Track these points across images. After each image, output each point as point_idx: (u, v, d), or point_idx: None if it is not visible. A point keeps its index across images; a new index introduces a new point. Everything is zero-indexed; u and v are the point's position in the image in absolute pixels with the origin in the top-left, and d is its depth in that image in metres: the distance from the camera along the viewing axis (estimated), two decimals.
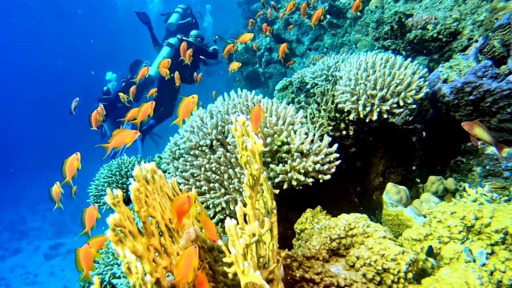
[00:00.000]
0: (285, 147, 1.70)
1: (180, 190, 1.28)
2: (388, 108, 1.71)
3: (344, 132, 1.97)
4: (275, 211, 1.12)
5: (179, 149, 1.97)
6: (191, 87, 6.68)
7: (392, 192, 1.67)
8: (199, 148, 1.84)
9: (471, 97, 1.83)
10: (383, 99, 1.75)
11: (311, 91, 2.79)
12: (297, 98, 2.70)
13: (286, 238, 1.92)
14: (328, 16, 6.72)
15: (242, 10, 10.30)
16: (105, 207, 3.02)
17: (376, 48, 4.89)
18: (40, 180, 17.32)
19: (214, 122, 1.83)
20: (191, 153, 1.86)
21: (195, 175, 1.81)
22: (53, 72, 26.53)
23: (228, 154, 1.73)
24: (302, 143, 1.66)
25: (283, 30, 7.81)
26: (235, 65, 3.06)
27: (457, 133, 2.04)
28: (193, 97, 1.58)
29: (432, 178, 1.83)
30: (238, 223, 0.90)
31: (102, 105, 3.22)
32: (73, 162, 1.78)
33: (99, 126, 6.81)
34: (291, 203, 1.92)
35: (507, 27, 1.87)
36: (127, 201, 3.11)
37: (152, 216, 0.97)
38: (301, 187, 1.64)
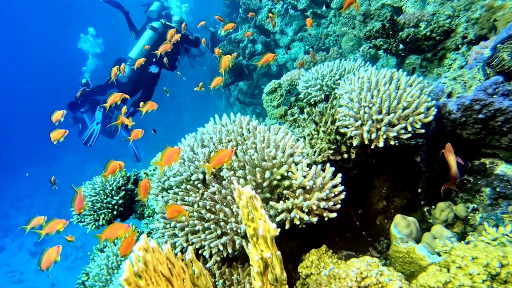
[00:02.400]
0: (286, 182, 1.55)
1: (176, 254, 1.12)
2: (396, 134, 1.58)
3: (345, 156, 1.83)
4: (285, 282, 0.98)
5: (168, 179, 1.79)
6: (172, 74, 6.48)
7: (402, 226, 1.55)
8: (191, 182, 1.67)
9: (480, 116, 1.71)
10: (390, 124, 1.61)
11: (304, 100, 2.63)
12: (290, 110, 2.54)
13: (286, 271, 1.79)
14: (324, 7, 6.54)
15: None
16: (89, 227, 2.84)
17: (367, 49, 4.76)
18: (23, 175, 16.86)
19: (206, 153, 1.66)
20: (182, 187, 1.69)
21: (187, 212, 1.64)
22: (34, 66, 25.46)
23: (223, 191, 1.57)
24: (305, 177, 1.51)
25: (266, 21, 7.57)
26: (219, 80, 2.84)
27: (463, 151, 1.93)
28: (179, 148, 1.61)
29: (441, 205, 1.72)
30: None
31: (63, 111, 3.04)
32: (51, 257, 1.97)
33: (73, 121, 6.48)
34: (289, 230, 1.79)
35: None
36: (112, 220, 2.93)
37: None
38: (304, 226, 1.51)
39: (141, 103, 3.21)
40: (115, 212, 2.83)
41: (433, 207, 1.91)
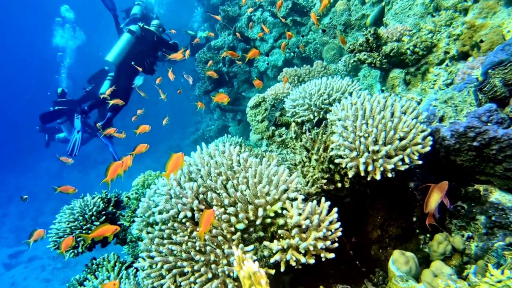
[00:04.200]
0: (280, 221, 1.46)
1: None
2: (393, 166, 1.52)
3: (339, 185, 1.76)
4: None
5: (153, 214, 1.68)
6: (150, 78, 6.37)
7: (400, 262, 1.49)
8: (178, 220, 1.56)
9: (474, 143, 1.68)
10: (387, 155, 1.55)
11: (292, 119, 2.56)
12: (277, 131, 2.46)
13: None
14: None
15: (201, 5, 9.84)
16: (67, 255, 2.67)
17: (348, 59, 4.74)
18: None
19: (194, 189, 1.55)
20: (169, 225, 1.57)
21: (174, 252, 1.53)
22: (3, 66, 24.24)
23: (214, 231, 1.46)
24: (300, 215, 1.43)
25: (246, 28, 7.49)
26: (223, 98, 2.75)
27: (455, 176, 1.90)
28: (182, 154, 1.53)
29: (438, 237, 1.68)
30: None
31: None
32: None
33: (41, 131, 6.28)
34: None
35: (508, 65, 1.72)
36: (93, 247, 2.77)
37: None
38: (300, 266, 1.42)
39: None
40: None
41: (427, 235, 1.87)
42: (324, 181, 1.75)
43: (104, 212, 2.76)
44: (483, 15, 2.73)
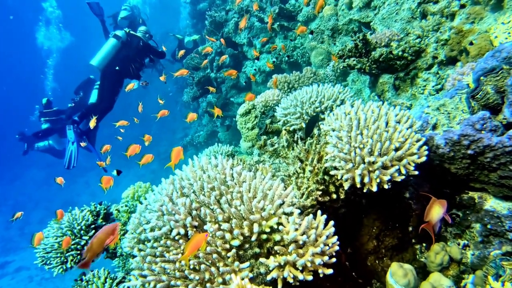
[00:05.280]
0: (276, 237, 1.42)
1: None
2: (389, 178, 1.50)
3: (334, 196, 1.74)
4: None
5: (144, 231, 1.62)
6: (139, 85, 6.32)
7: (399, 275, 1.47)
8: (171, 237, 1.51)
9: (469, 151, 1.67)
10: (383, 166, 1.53)
11: (283, 128, 2.53)
12: (269, 140, 2.42)
13: None
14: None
15: (188, 10, 9.79)
16: (56, 270, 2.58)
17: (337, 64, 4.74)
18: None
19: (187, 205, 1.50)
20: (162, 242, 1.52)
21: (168, 270, 1.47)
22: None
23: (208, 248, 1.42)
24: (297, 230, 1.39)
25: (234, 33, 7.47)
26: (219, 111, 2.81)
27: (450, 184, 1.90)
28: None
29: (435, 247, 1.66)
30: None
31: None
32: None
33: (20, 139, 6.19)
34: None
35: (499, 72, 1.72)
36: (79, 261, 2.68)
37: None
38: (297, 283, 1.39)
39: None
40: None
41: (424, 244, 1.86)
42: (319, 192, 1.72)
43: (93, 226, 2.68)
44: (470, 21, 2.75)
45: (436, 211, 1.48)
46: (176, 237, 1.50)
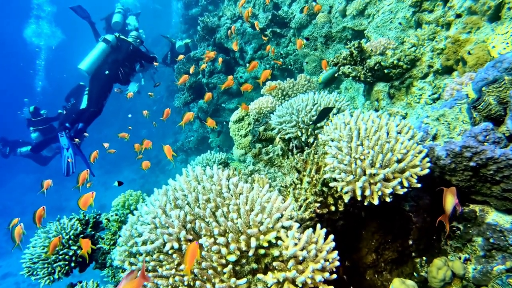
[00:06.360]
0: (275, 251, 1.35)
1: None
2: (392, 191, 1.44)
3: (332, 208, 1.67)
4: None
5: (136, 245, 1.53)
6: (125, 88, 6.23)
7: None
8: (164, 251, 1.42)
9: (471, 163, 1.63)
10: (384, 179, 1.47)
11: (278, 136, 2.47)
12: (264, 149, 2.35)
13: None
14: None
15: (180, 15, 9.71)
16: (43, 282, 2.46)
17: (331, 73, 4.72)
18: None
19: (181, 218, 1.42)
20: (154, 256, 1.43)
21: (161, 287, 1.39)
22: None
23: (203, 264, 1.34)
24: (296, 245, 1.32)
25: (226, 39, 7.42)
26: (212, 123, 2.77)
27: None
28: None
29: (437, 262, 1.61)
30: None
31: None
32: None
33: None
34: None
35: (502, 83, 1.69)
36: (70, 272, 2.57)
37: None
38: None
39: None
40: (72, 264, 2.48)
41: (424, 258, 1.80)
42: (317, 204, 1.65)
43: (82, 236, 2.58)
44: (467, 30, 2.73)
45: (450, 201, 1.44)
46: (170, 252, 1.41)
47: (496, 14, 2.59)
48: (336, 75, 4.34)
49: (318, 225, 1.44)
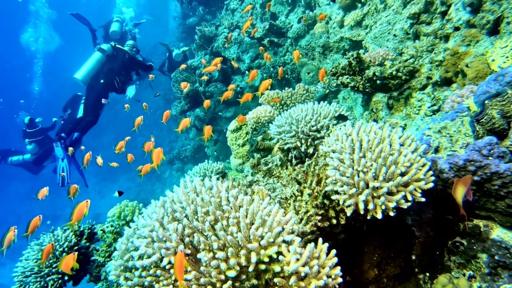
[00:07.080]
0: (276, 267, 1.30)
1: None
2: (395, 205, 1.40)
3: (334, 221, 1.63)
4: None
5: (132, 259, 1.47)
6: (121, 98, 6.20)
7: None
8: (161, 267, 1.37)
9: (475, 178, 1.60)
10: (388, 192, 1.43)
11: (277, 146, 2.43)
12: (263, 160, 2.31)
13: None
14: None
15: (177, 24, 9.73)
16: None
17: (328, 81, 4.72)
18: None
19: (179, 231, 1.37)
20: (151, 271, 1.38)
21: None
22: None
23: (202, 280, 1.28)
24: (298, 260, 1.28)
25: (223, 48, 7.43)
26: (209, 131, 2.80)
27: (453, 210, 1.82)
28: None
29: (442, 279, 1.56)
30: None
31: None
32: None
33: None
34: None
35: (505, 96, 1.67)
36: (63, 286, 2.49)
37: None
38: None
39: None
40: (66, 277, 2.41)
41: (427, 274, 1.76)
42: (318, 217, 1.61)
43: (76, 248, 2.51)
44: (466, 43, 2.73)
45: (460, 191, 1.40)
46: (167, 267, 1.36)
47: (495, 28, 2.59)
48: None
49: (320, 240, 1.40)
